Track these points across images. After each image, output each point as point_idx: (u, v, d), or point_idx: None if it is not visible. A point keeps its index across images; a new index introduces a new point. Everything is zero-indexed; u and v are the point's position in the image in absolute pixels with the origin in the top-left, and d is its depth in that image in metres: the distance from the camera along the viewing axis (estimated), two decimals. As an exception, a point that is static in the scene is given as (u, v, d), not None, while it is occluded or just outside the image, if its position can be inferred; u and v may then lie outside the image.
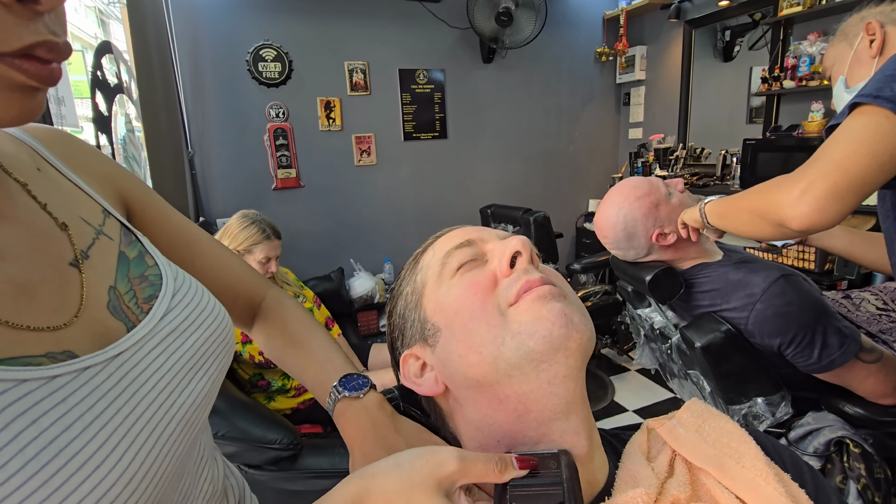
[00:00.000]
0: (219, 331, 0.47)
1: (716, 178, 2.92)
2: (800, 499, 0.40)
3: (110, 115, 1.46)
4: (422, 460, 0.33)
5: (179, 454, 0.40)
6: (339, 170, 2.97)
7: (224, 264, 0.59)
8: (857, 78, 0.94)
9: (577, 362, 0.38)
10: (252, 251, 1.58)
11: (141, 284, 0.44)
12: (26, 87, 0.30)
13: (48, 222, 0.39)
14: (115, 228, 0.45)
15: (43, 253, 0.37)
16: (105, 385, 0.35)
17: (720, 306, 1.08)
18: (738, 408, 1.10)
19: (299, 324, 0.60)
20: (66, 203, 0.42)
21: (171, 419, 0.39)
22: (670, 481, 0.40)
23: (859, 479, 0.93)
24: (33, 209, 0.39)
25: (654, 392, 2.45)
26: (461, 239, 0.45)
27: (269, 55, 2.67)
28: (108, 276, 0.41)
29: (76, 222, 0.41)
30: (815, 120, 2.30)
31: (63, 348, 0.35)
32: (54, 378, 0.32)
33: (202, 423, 0.45)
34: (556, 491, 0.33)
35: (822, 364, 0.98)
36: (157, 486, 0.37)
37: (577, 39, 3.43)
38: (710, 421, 0.46)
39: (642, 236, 1.13)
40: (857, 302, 1.27)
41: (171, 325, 0.42)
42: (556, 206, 3.54)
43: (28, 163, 0.41)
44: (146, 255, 0.46)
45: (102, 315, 0.39)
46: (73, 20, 2.17)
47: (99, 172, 0.49)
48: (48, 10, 0.29)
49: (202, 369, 0.44)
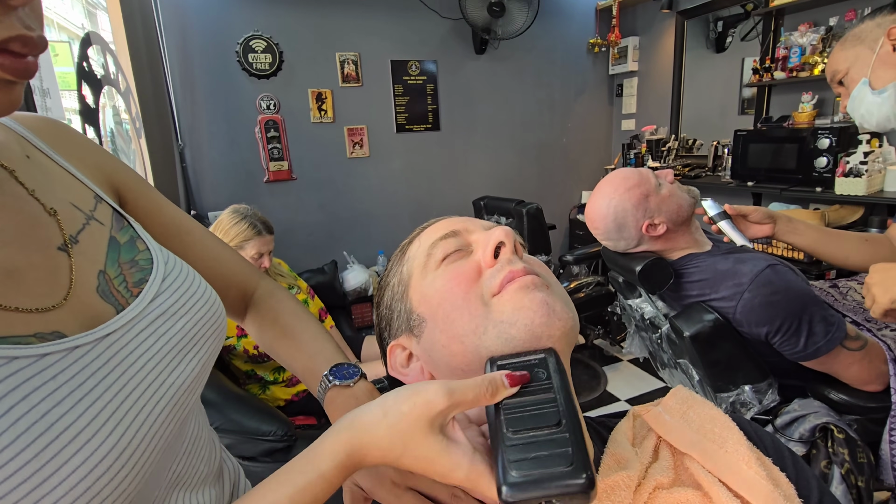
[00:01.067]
0: (209, 314, 0.48)
1: (707, 169, 2.94)
2: (780, 482, 0.41)
3: (97, 107, 1.45)
4: (408, 404, 0.32)
5: (169, 433, 0.41)
6: (331, 162, 2.96)
7: (216, 255, 0.59)
8: (883, 80, 1.00)
9: (562, 349, 0.39)
10: (243, 247, 1.57)
11: (131, 269, 0.44)
12: (3, 81, 0.30)
13: (36, 208, 0.39)
14: (107, 213, 0.46)
15: (30, 239, 0.38)
16: (94, 364, 0.36)
17: (709, 296, 1.10)
18: (726, 395, 1.11)
19: (291, 315, 0.60)
20: (56, 189, 0.42)
21: (159, 399, 0.39)
22: (654, 466, 0.41)
23: (843, 463, 0.95)
24: (21, 195, 0.39)
25: (646, 381, 2.48)
26: (447, 230, 0.45)
27: (259, 46, 2.64)
28: (97, 261, 0.42)
29: (66, 208, 0.42)
30: (804, 111, 2.32)
31: (52, 329, 0.35)
32: (44, 356, 0.33)
33: (193, 404, 0.45)
34: (551, 409, 0.32)
35: (807, 352, 0.99)
36: (146, 462, 0.37)
37: (570, 30, 3.42)
38: (695, 407, 0.47)
39: (632, 227, 1.14)
40: (844, 291, 1.29)
41: (160, 308, 0.43)
42: (549, 197, 3.54)
43: (16, 150, 0.41)
44: (137, 239, 0.47)
45: (91, 298, 0.40)
46: (60, 11, 2.13)
47: (90, 161, 0.49)
48: (20, 4, 0.29)
49: (192, 351, 0.44)
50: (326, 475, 0.33)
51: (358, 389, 0.50)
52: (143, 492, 0.40)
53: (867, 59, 1.01)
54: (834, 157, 2.08)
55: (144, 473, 0.37)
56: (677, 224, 1.14)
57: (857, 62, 1.03)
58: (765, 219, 1.16)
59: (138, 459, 0.36)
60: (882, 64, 0.99)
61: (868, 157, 1.97)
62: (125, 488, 0.35)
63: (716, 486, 0.39)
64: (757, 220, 1.16)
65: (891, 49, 0.97)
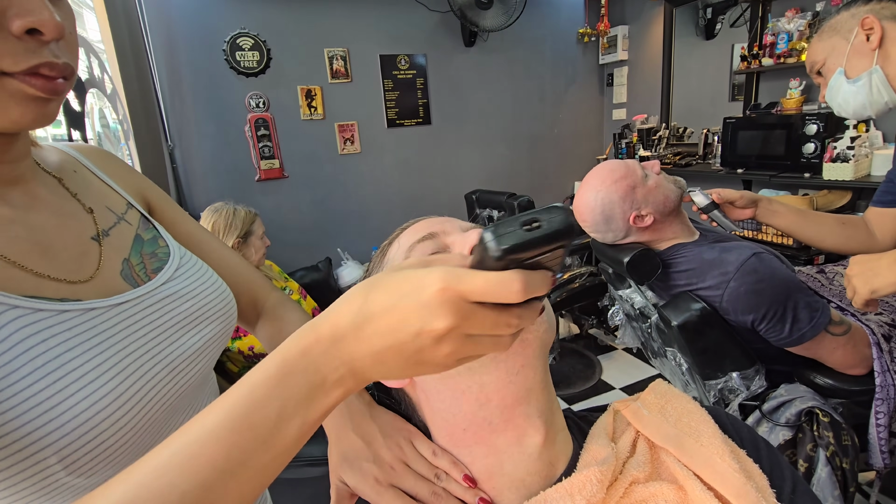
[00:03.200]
0: (217, 300, 0.55)
1: (698, 157, 2.95)
2: (753, 473, 0.42)
3: (83, 110, 1.44)
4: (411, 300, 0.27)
5: (169, 396, 0.47)
6: (323, 159, 2.95)
7: (231, 265, 0.65)
8: (857, 69, 1.02)
9: (536, 351, 0.40)
10: (254, 231, 1.62)
11: (151, 259, 0.53)
12: (38, 98, 0.39)
13: (76, 207, 0.50)
14: (135, 217, 0.56)
15: (68, 229, 0.48)
16: (104, 325, 0.44)
17: (696, 285, 1.11)
18: (714, 382, 1.13)
19: (297, 326, 0.63)
20: (95, 195, 0.53)
21: (157, 363, 0.47)
22: (631, 461, 0.42)
23: (828, 446, 0.97)
24: (65, 196, 0.50)
25: (641, 369, 2.50)
26: (424, 232, 0.46)
27: (246, 44, 2.62)
28: (123, 251, 0.51)
29: (101, 209, 0.52)
30: (792, 97, 2.32)
31: (77, 297, 0.44)
32: (63, 312, 0.41)
33: (198, 376, 0.52)
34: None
35: (793, 338, 1.01)
36: (144, 413, 0.44)
37: (559, 20, 3.41)
38: (673, 401, 0.48)
39: (620, 219, 1.15)
40: (831, 276, 1.31)
41: (170, 290, 0.51)
42: (541, 189, 3.55)
43: (66, 167, 0.53)
44: (159, 238, 0.56)
45: (114, 279, 0.49)
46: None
47: (129, 180, 0.60)
48: (51, 39, 0.38)
49: (195, 328, 0.52)
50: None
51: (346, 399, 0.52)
52: (147, 443, 0.46)
53: (842, 48, 1.03)
54: (821, 143, 2.09)
55: (143, 424, 0.44)
56: (664, 215, 1.15)
57: (833, 52, 1.05)
58: (749, 203, 1.20)
59: (133, 407, 0.43)
60: (856, 53, 1.01)
61: (855, 142, 1.98)
62: (124, 433, 0.42)
63: (690, 480, 0.40)
64: (743, 206, 1.20)
65: (864, 39, 0.99)
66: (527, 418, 0.41)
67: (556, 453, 0.43)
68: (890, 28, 0.97)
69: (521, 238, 0.26)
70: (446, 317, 0.26)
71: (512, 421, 0.41)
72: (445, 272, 0.27)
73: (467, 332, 0.27)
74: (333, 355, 0.29)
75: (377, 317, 0.28)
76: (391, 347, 0.28)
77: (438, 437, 0.44)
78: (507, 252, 0.26)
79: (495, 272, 0.26)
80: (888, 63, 0.98)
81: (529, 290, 0.26)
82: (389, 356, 0.28)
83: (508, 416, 0.40)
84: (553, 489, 0.39)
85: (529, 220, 0.26)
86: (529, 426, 0.41)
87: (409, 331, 0.27)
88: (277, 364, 0.29)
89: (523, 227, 0.26)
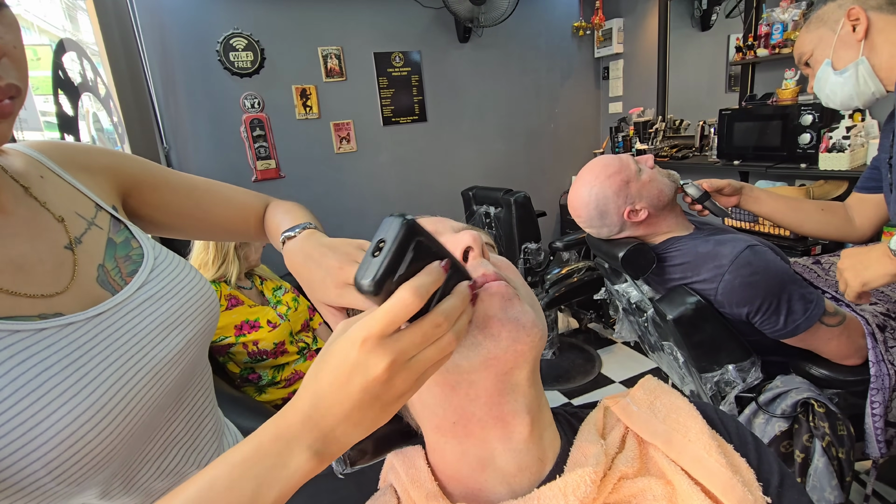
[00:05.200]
0: (196, 297, 0.56)
1: (695, 149, 2.94)
2: (740, 468, 0.42)
3: (76, 114, 1.44)
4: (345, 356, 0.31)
5: (154, 399, 0.48)
6: (319, 158, 2.95)
7: (225, 197, 0.68)
8: (844, 60, 1.02)
9: (526, 355, 0.40)
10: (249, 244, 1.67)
11: (125, 262, 0.53)
12: None
13: (47, 217, 0.49)
14: (105, 220, 0.55)
15: (40, 240, 0.47)
16: (83, 338, 0.44)
17: (691, 279, 1.11)
18: (710, 375, 1.14)
19: (281, 209, 0.67)
20: (63, 201, 0.52)
21: (140, 369, 0.47)
22: (620, 457, 0.43)
23: (824, 436, 0.97)
24: (34, 207, 0.49)
25: (640, 363, 2.51)
26: None
27: (239, 44, 2.61)
28: (97, 257, 0.51)
29: (71, 216, 0.51)
30: (788, 87, 2.32)
31: (55, 311, 0.44)
32: (41, 331, 0.42)
33: (183, 374, 0.53)
34: None
35: (787, 329, 1.01)
36: (130, 420, 0.45)
37: (554, 14, 3.39)
38: (662, 397, 0.48)
39: (614, 214, 1.15)
40: (827, 267, 1.31)
41: (148, 293, 0.52)
42: (539, 183, 3.54)
43: (32, 172, 0.51)
44: (132, 239, 0.56)
45: (91, 286, 0.48)
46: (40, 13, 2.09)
47: (97, 167, 0.58)
48: None
49: (177, 329, 0.52)
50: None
51: (301, 236, 0.54)
52: (136, 445, 0.47)
53: (829, 40, 1.03)
54: (817, 133, 2.09)
55: (129, 429, 0.45)
56: (658, 209, 1.16)
57: (820, 44, 1.05)
58: (735, 191, 1.23)
59: (117, 416, 0.43)
60: (843, 45, 1.01)
61: (850, 131, 1.98)
62: (111, 441, 0.43)
63: (678, 475, 0.41)
64: (729, 193, 1.23)
65: (850, 30, 0.99)
66: (514, 414, 0.41)
67: (544, 449, 0.43)
68: (876, 19, 0.97)
69: (378, 265, 0.29)
70: (380, 359, 0.29)
71: (501, 417, 0.41)
72: (357, 328, 0.30)
73: (406, 357, 0.30)
74: (305, 435, 0.32)
75: (331, 392, 0.31)
76: (354, 408, 0.31)
77: (428, 429, 0.44)
78: (375, 284, 0.29)
79: (389, 299, 0.29)
80: (874, 54, 0.98)
81: (422, 292, 0.29)
82: (357, 416, 0.31)
83: (497, 413, 0.41)
84: (546, 487, 0.39)
85: (376, 245, 0.30)
86: (517, 421, 0.41)
87: (358, 387, 0.30)
88: (253, 447, 0.32)
89: (374, 255, 0.30)
